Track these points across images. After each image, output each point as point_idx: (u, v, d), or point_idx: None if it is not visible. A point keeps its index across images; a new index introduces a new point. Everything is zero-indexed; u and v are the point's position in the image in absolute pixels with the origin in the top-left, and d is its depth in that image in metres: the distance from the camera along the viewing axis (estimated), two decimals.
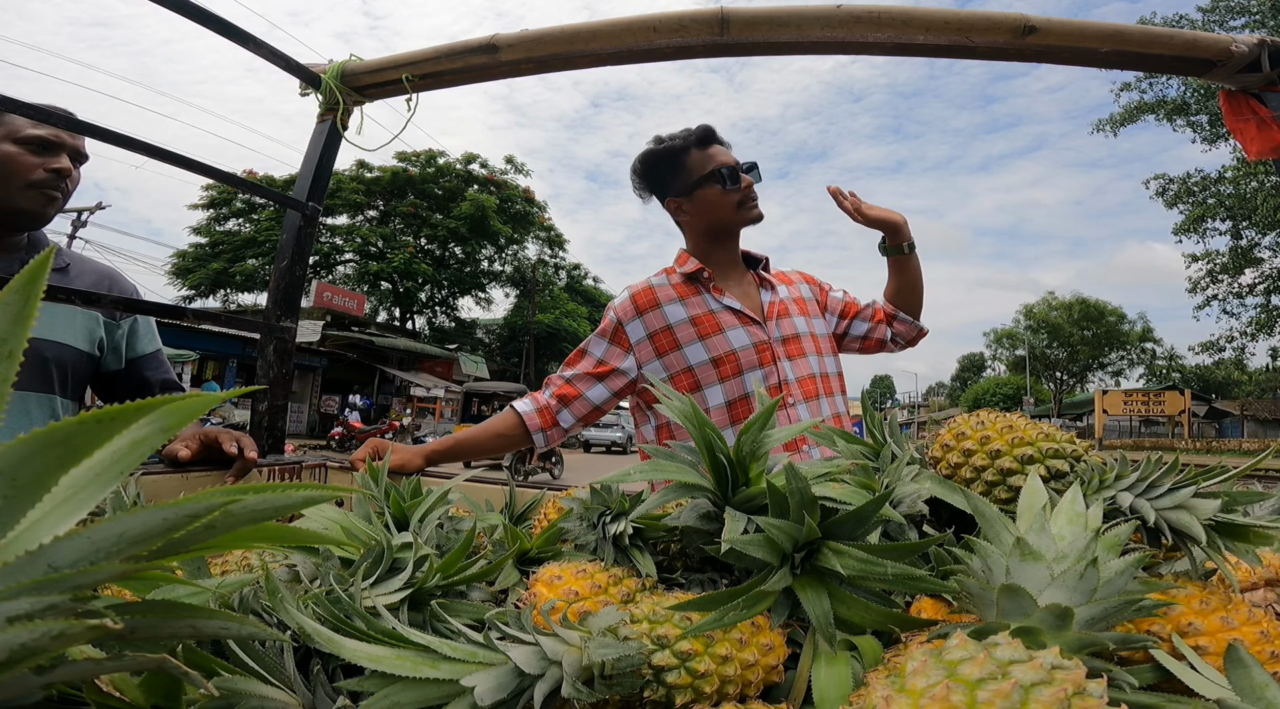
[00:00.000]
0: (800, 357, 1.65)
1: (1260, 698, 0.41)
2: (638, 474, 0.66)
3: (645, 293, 1.67)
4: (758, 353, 1.60)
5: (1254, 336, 25.94)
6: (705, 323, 1.62)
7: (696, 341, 1.60)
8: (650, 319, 1.64)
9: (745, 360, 1.59)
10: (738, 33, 1.48)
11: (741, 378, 1.59)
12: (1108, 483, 0.63)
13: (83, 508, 0.31)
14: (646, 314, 1.64)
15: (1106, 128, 22.35)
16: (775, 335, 1.64)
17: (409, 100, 1.78)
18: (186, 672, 0.33)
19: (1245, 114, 1.45)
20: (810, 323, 1.73)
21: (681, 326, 1.62)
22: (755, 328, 1.63)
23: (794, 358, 1.64)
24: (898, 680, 0.37)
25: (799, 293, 1.79)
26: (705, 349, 1.60)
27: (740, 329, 1.62)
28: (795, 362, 1.63)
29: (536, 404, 1.64)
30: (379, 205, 29.51)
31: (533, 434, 1.62)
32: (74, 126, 1.30)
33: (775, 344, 1.63)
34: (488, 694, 0.43)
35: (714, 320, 1.62)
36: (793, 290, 1.78)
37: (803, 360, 1.64)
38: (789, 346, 1.64)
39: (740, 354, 1.59)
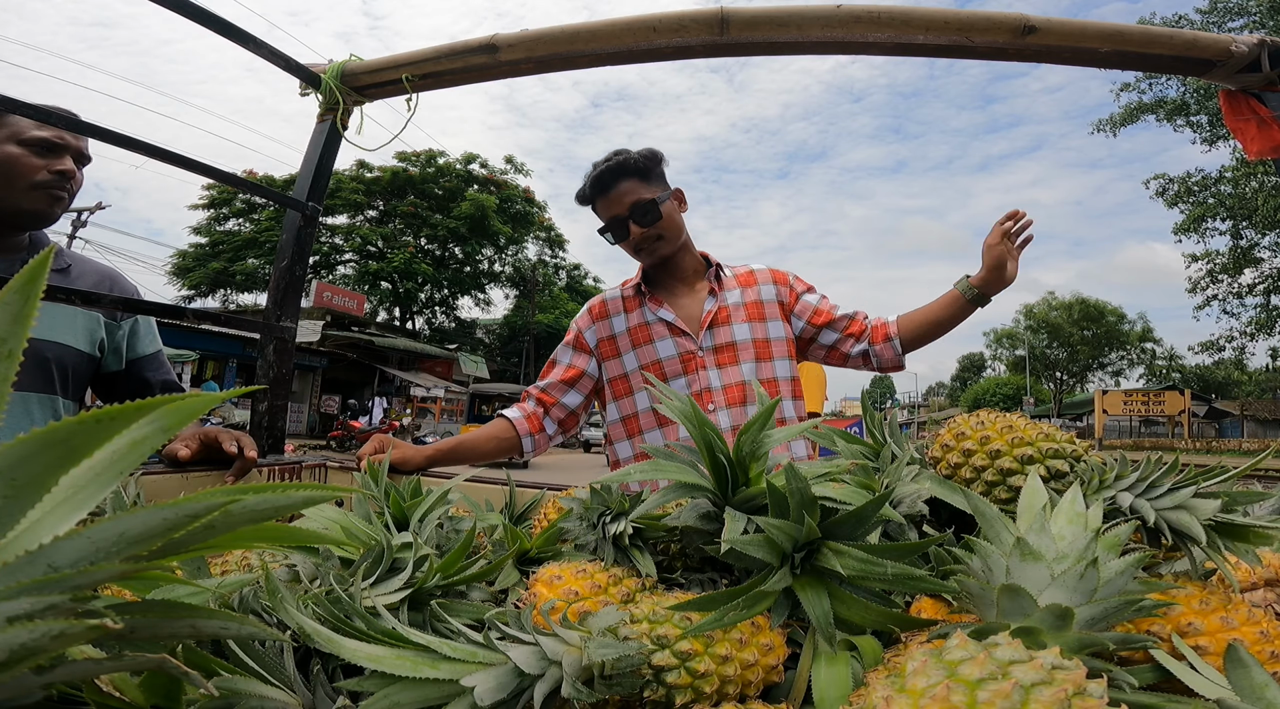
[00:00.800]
0: (731, 365, 1.71)
1: (1260, 698, 0.41)
2: (638, 474, 0.66)
3: (599, 305, 1.84)
4: (682, 362, 1.71)
5: (1254, 336, 25.94)
6: (639, 334, 1.76)
7: (631, 350, 1.76)
8: (600, 328, 1.81)
9: (669, 369, 1.72)
10: (738, 33, 1.49)
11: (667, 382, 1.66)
12: (1108, 483, 0.63)
13: (83, 508, 0.31)
14: (599, 323, 1.81)
15: (1106, 128, 22.37)
16: (706, 345, 1.72)
17: (409, 100, 1.78)
18: (186, 671, 0.33)
19: (1245, 114, 1.45)
20: (759, 328, 1.74)
21: (622, 337, 1.77)
22: (684, 339, 1.73)
23: (723, 366, 1.71)
24: (898, 680, 0.37)
25: (756, 295, 1.77)
26: (636, 357, 1.75)
27: (669, 340, 1.73)
28: (724, 370, 1.71)
29: (524, 412, 1.76)
30: (379, 205, 29.51)
31: (522, 439, 1.74)
32: (75, 127, 1.30)
33: (704, 353, 1.71)
34: (488, 694, 0.43)
35: (647, 331, 1.75)
36: (749, 294, 1.77)
37: (734, 368, 1.71)
38: (719, 355, 1.72)
39: (665, 363, 1.72)
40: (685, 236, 1.77)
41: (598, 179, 1.69)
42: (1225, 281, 25.77)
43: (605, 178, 1.68)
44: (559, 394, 1.77)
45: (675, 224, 1.71)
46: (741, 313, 1.75)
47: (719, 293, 1.77)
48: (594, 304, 1.85)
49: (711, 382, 1.69)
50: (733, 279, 1.81)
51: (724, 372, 1.70)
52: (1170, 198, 24.33)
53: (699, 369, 1.70)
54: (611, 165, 1.68)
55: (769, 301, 1.78)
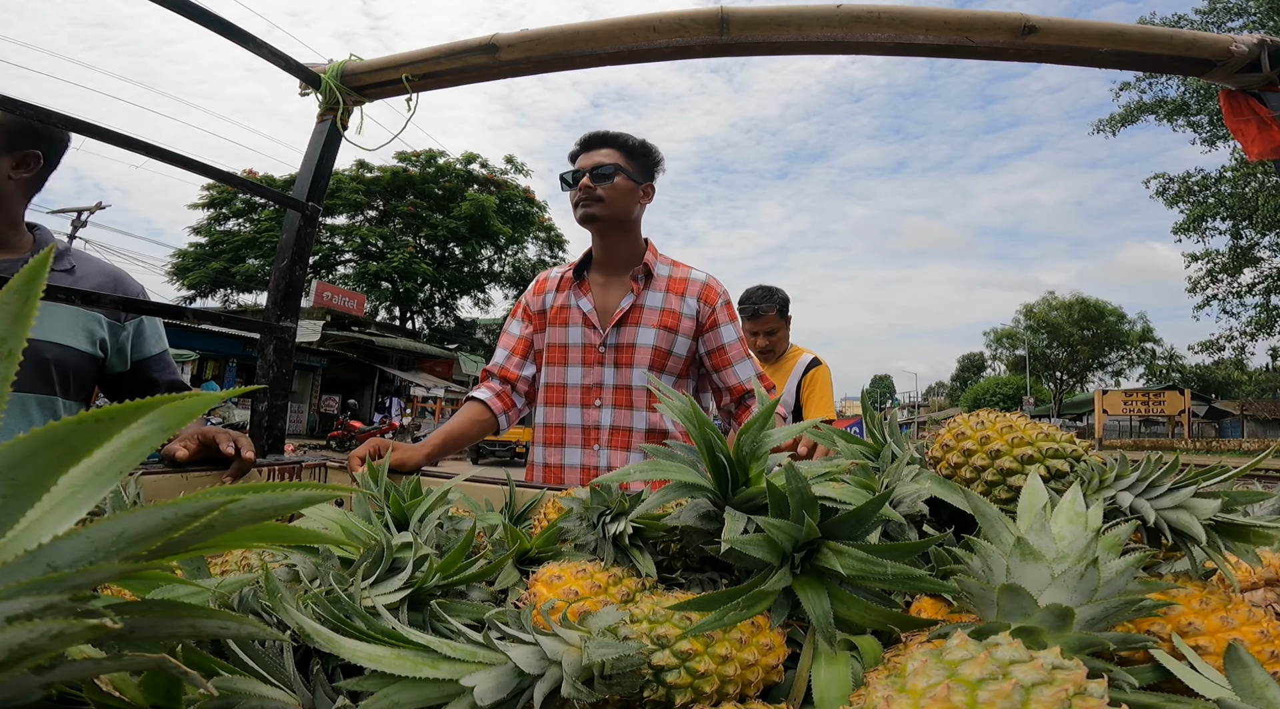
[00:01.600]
0: (628, 366, 1.75)
1: (1260, 698, 0.41)
2: (638, 474, 0.66)
3: (542, 280, 1.93)
4: (584, 352, 1.78)
5: (1254, 336, 25.92)
6: (558, 315, 1.83)
7: (548, 328, 1.84)
8: (535, 301, 1.90)
9: (571, 356, 1.79)
10: (738, 32, 1.48)
11: (565, 368, 1.80)
12: (1108, 483, 0.63)
13: (82, 507, 0.31)
14: (536, 297, 1.90)
15: (1106, 128, 22.36)
16: (610, 341, 1.77)
17: (409, 100, 1.78)
18: (186, 671, 0.33)
19: (1246, 114, 1.45)
20: (664, 337, 1.75)
21: (549, 313, 1.85)
22: (591, 331, 1.78)
23: (620, 365, 1.75)
24: (898, 680, 0.37)
25: (677, 306, 1.77)
26: (549, 336, 1.83)
27: (579, 328, 1.80)
28: (620, 369, 1.75)
29: (493, 391, 1.83)
30: (379, 205, 29.50)
31: (498, 417, 1.80)
32: (75, 127, 1.30)
33: (605, 349, 1.77)
34: (487, 694, 0.43)
35: (565, 315, 1.82)
36: (671, 301, 1.78)
37: (628, 370, 1.75)
38: (620, 354, 1.76)
39: (569, 349, 1.79)
40: (628, 221, 1.79)
41: (587, 138, 1.80)
42: (1225, 281, 25.76)
43: (594, 139, 1.79)
44: (518, 369, 1.85)
45: (620, 197, 1.74)
46: (655, 317, 1.76)
47: (640, 292, 1.79)
48: (540, 278, 1.95)
49: (605, 378, 1.75)
50: (664, 280, 1.81)
51: (619, 371, 1.75)
52: (1170, 197, 24.32)
53: (596, 363, 1.76)
54: (605, 133, 1.79)
55: (686, 316, 1.77)
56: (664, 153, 1.85)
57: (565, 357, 1.79)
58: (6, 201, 1.45)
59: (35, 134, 1.44)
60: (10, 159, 1.41)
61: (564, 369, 1.80)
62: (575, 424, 1.77)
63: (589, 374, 1.77)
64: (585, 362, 1.77)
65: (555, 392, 1.80)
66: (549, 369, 1.81)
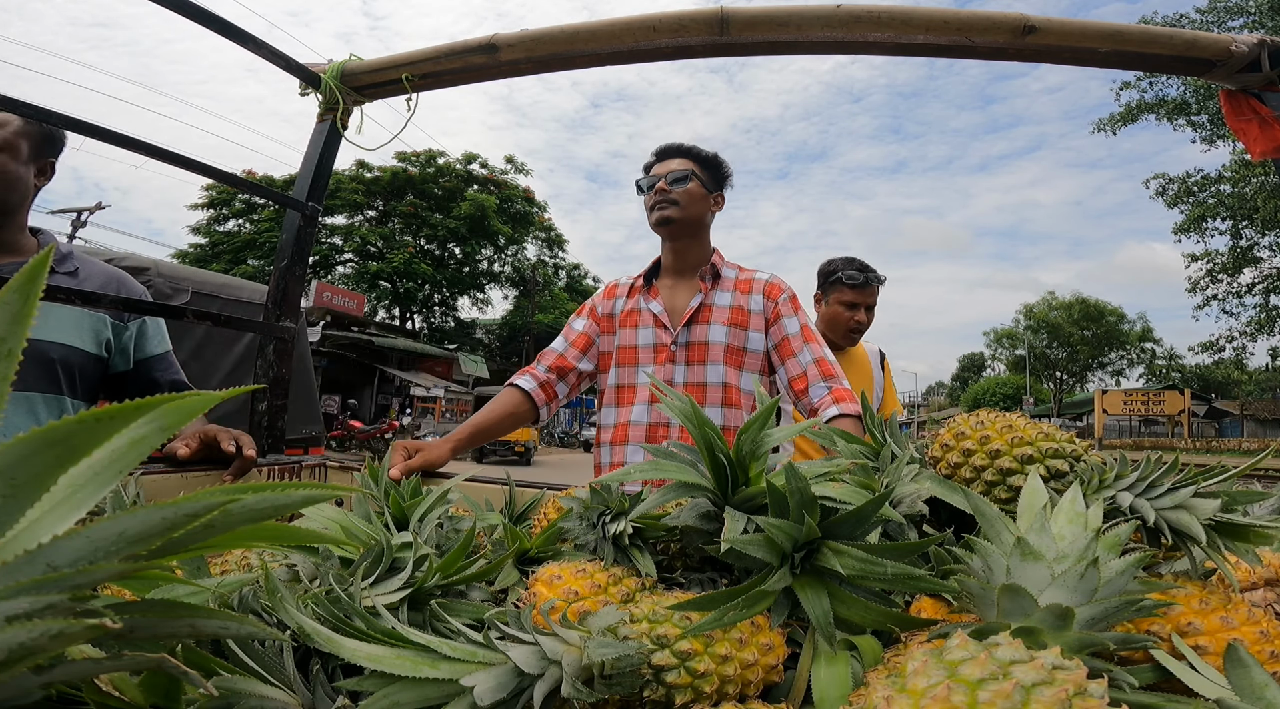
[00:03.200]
0: (700, 363, 1.77)
1: (1260, 698, 0.41)
2: (638, 474, 0.66)
3: (612, 286, 2.00)
4: (655, 352, 1.81)
5: (1253, 336, 25.90)
6: (628, 318, 1.87)
7: (618, 331, 1.88)
8: (604, 305, 1.95)
9: (643, 356, 1.82)
10: (737, 32, 1.48)
11: (635, 368, 1.82)
12: (1107, 483, 0.63)
13: (82, 507, 0.31)
14: (606, 301, 1.95)
15: (1107, 127, 22.34)
16: (681, 340, 1.80)
17: (409, 100, 1.78)
18: (185, 671, 0.33)
19: (1247, 114, 1.45)
20: (734, 334, 1.77)
21: (617, 318, 1.90)
22: (662, 331, 1.82)
23: (692, 363, 1.78)
24: (898, 681, 0.37)
25: (743, 303, 1.81)
26: (618, 339, 1.86)
27: (650, 329, 1.83)
28: (692, 367, 1.78)
29: (537, 380, 1.84)
30: (379, 205, 29.49)
31: (539, 408, 1.81)
32: (75, 127, 1.30)
33: (677, 348, 1.79)
34: (487, 694, 0.43)
35: (635, 317, 1.86)
36: (738, 299, 1.81)
37: (700, 367, 1.77)
38: (691, 351, 1.78)
39: (640, 350, 1.83)
40: (699, 226, 1.84)
41: (664, 148, 1.87)
42: (1225, 281, 25.74)
43: (670, 149, 1.86)
44: (575, 360, 1.88)
45: (694, 204, 1.79)
46: (724, 315, 1.79)
47: (707, 291, 1.82)
48: (609, 284, 2.01)
49: (676, 376, 1.77)
50: (732, 280, 1.85)
51: (691, 369, 1.77)
52: (1170, 198, 24.30)
53: (668, 362, 1.78)
54: (680, 143, 1.86)
55: (755, 312, 1.80)
56: None
57: (636, 357, 1.82)
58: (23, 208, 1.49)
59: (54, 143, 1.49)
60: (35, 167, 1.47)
61: (635, 369, 1.82)
62: (643, 422, 1.76)
63: (660, 372, 1.78)
64: (657, 360, 1.80)
65: (626, 392, 1.81)
66: (619, 370, 1.84)
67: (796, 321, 1.79)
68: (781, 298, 1.81)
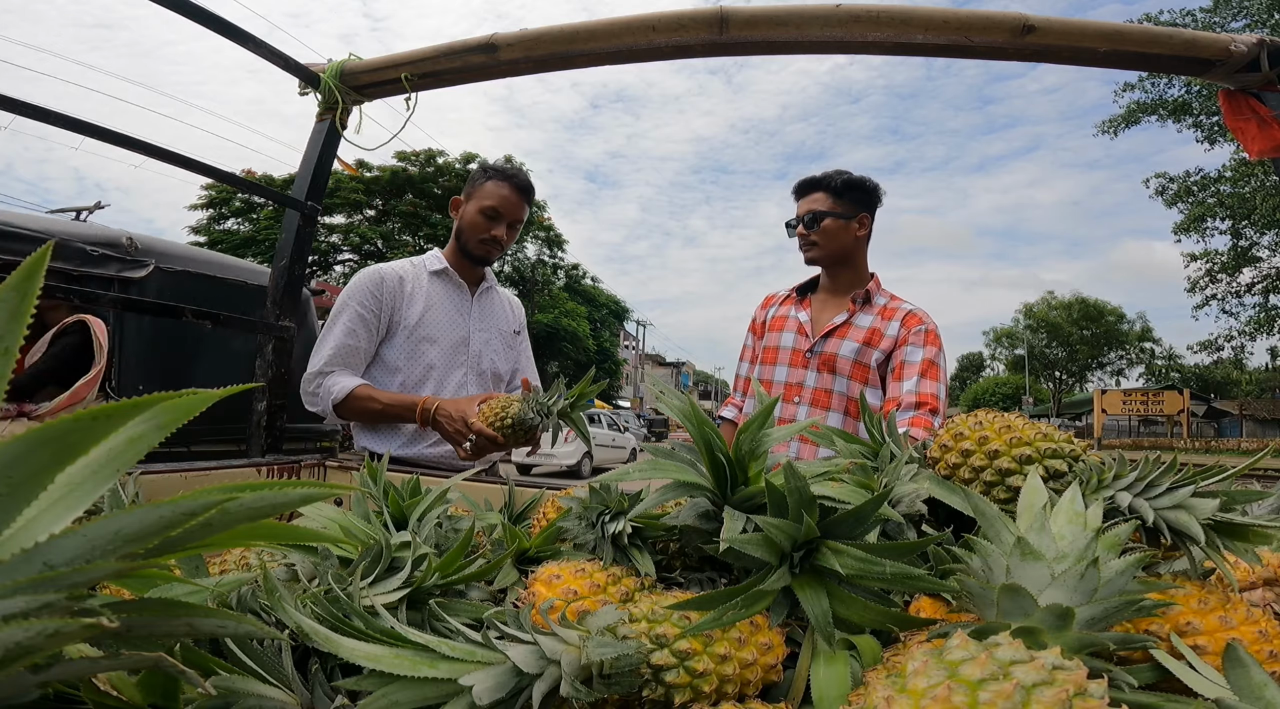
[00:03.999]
0: (829, 372, 1.93)
1: (1259, 697, 0.41)
2: (637, 473, 0.66)
3: (770, 297, 2.24)
4: (792, 355, 2.01)
5: (1252, 336, 25.90)
6: (777, 322, 2.10)
7: (766, 334, 2.11)
8: (760, 314, 2.20)
9: (781, 357, 2.03)
10: (737, 32, 1.48)
11: (774, 367, 2.03)
12: (1106, 483, 0.63)
13: (79, 505, 0.31)
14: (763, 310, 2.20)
15: (1110, 129, 22.33)
16: (817, 349, 1.96)
17: (408, 99, 1.78)
18: (183, 670, 0.33)
19: (1245, 113, 1.45)
20: (864, 352, 1.91)
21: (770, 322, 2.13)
22: (802, 338, 2.01)
23: (822, 371, 1.94)
24: (899, 681, 0.37)
25: (880, 326, 1.93)
26: (766, 340, 2.10)
27: (792, 334, 2.04)
28: (822, 374, 1.95)
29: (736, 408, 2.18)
30: (378, 204, 29.46)
31: None
32: (75, 127, 1.30)
33: (812, 356, 1.97)
34: (486, 693, 0.43)
35: (782, 323, 2.08)
36: (878, 323, 1.94)
37: (829, 376, 1.93)
38: (823, 361, 1.95)
39: (780, 351, 2.03)
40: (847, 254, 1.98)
41: (801, 183, 2.03)
42: (1224, 281, 25.75)
43: (805, 185, 2.01)
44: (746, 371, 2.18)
45: (834, 239, 1.95)
46: (860, 334, 1.93)
47: (854, 312, 1.97)
48: (767, 295, 2.26)
49: (807, 380, 1.96)
50: (879, 307, 1.98)
51: (820, 376, 1.95)
52: (1170, 197, 24.30)
53: (801, 366, 1.98)
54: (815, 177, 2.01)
55: (888, 336, 1.92)
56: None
57: (776, 357, 2.03)
58: None
59: None
60: None
61: (773, 368, 2.02)
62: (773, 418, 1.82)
63: (793, 374, 1.98)
64: (792, 363, 1.99)
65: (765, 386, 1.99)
66: (761, 368, 2.07)
67: (920, 353, 1.86)
68: (917, 328, 1.90)
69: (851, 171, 1.98)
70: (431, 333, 1.84)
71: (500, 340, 2.01)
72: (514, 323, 2.09)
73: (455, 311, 1.90)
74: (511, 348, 2.05)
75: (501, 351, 2.01)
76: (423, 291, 1.86)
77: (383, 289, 1.80)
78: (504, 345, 2.02)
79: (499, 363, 1.99)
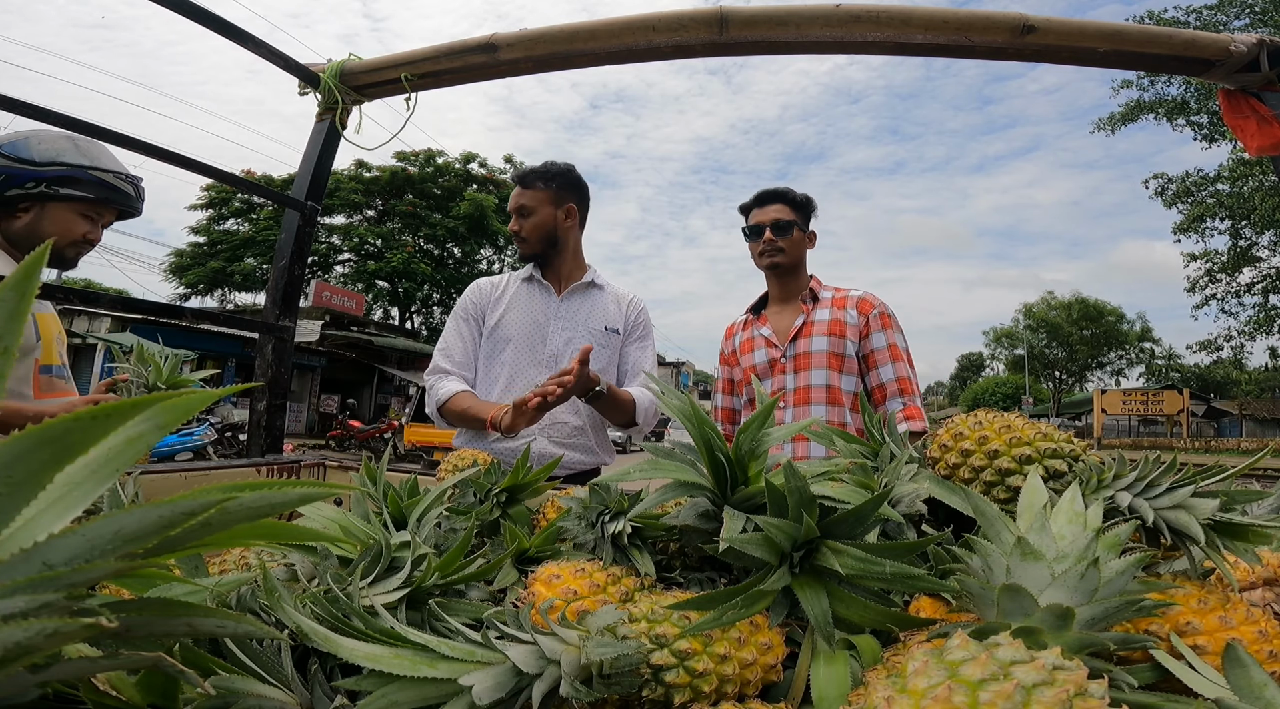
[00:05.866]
0: (805, 370, 2.01)
1: (1258, 697, 0.41)
2: (637, 473, 0.66)
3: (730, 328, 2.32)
4: (770, 367, 2.08)
5: (1252, 336, 25.90)
6: (745, 345, 2.19)
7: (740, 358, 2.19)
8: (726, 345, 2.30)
9: (760, 372, 2.11)
10: (737, 32, 1.48)
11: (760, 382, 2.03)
12: (1106, 483, 0.63)
13: (78, 505, 0.30)
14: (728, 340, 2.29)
15: (1106, 127, 22.33)
16: (789, 353, 2.05)
17: (408, 99, 1.78)
18: (183, 670, 0.33)
19: (1245, 112, 1.45)
20: (834, 342, 2.00)
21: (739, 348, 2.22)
22: (773, 349, 2.10)
23: (799, 371, 2.02)
24: (899, 681, 0.37)
25: (840, 316, 2.04)
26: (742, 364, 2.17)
27: (763, 349, 2.12)
28: (799, 374, 2.02)
29: None
30: (377, 205, 29.44)
31: None
32: (75, 127, 1.30)
33: (786, 360, 2.05)
34: (486, 693, 0.43)
35: (751, 344, 2.16)
36: (835, 313, 2.04)
37: (806, 373, 2.00)
38: (798, 362, 2.03)
39: (758, 368, 2.12)
40: (801, 262, 2.13)
41: (761, 194, 2.13)
42: (1224, 281, 25.75)
43: (766, 195, 2.12)
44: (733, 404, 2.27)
45: (795, 247, 2.09)
46: (824, 327, 2.02)
47: (810, 311, 2.07)
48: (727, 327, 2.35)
49: (787, 384, 2.03)
50: (829, 300, 2.08)
51: (798, 376, 2.02)
52: (1169, 197, 24.30)
53: (780, 373, 2.05)
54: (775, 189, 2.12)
55: (850, 324, 2.02)
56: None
57: (756, 373, 2.11)
58: None
59: None
60: None
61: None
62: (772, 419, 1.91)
63: (774, 383, 2.06)
64: (773, 373, 2.08)
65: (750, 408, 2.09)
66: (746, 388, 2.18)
67: (884, 338, 1.99)
68: (873, 313, 2.02)
69: None
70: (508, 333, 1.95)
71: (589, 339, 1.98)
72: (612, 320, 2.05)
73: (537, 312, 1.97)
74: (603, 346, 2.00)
75: None
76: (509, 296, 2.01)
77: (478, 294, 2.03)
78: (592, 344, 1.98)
79: None
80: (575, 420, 1.94)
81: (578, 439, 1.95)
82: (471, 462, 1.04)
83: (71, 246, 1.65)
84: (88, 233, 1.66)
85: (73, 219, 1.62)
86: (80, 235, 1.65)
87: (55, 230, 1.62)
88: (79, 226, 1.63)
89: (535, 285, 2.03)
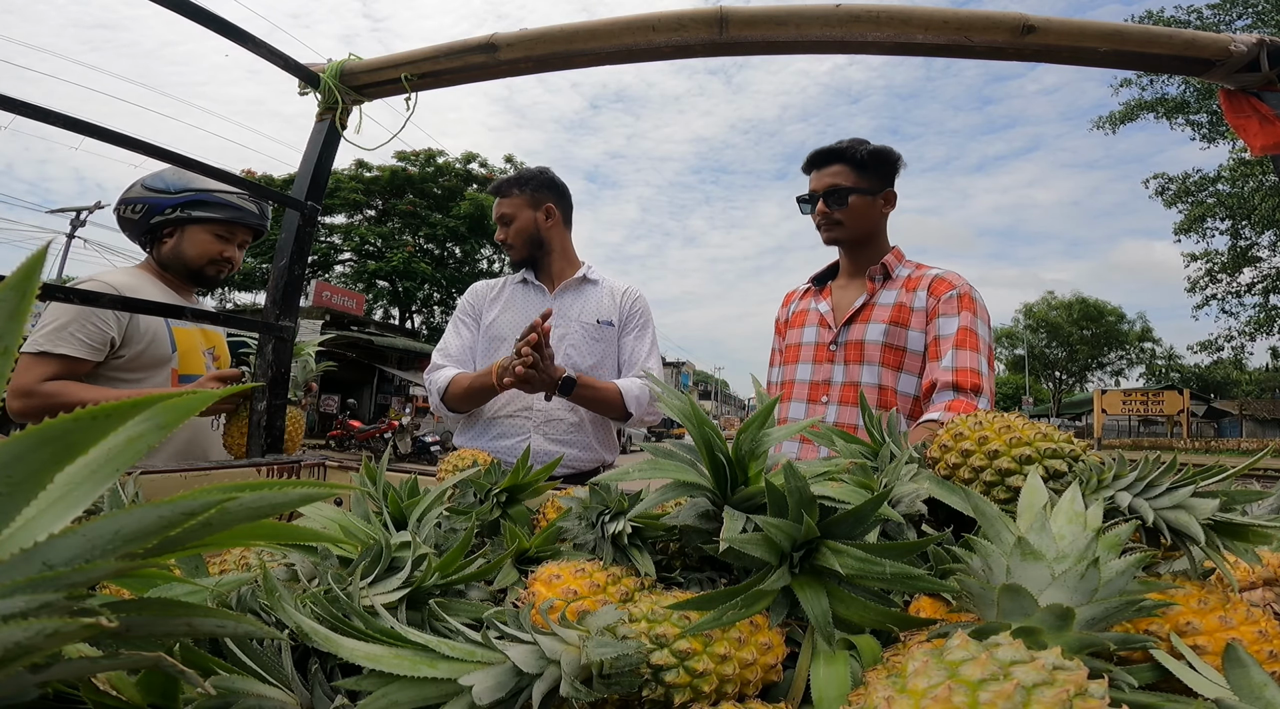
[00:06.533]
0: (857, 363, 1.72)
1: (1259, 697, 0.41)
2: (637, 473, 0.66)
3: (790, 294, 2.06)
4: (815, 350, 1.81)
5: (1252, 336, 25.90)
6: (797, 318, 1.93)
7: (788, 331, 1.94)
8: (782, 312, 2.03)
9: (804, 354, 1.84)
10: (737, 31, 1.48)
11: (797, 365, 1.84)
12: (1106, 483, 0.63)
13: (78, 505, 0.31)
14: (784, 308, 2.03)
15: (1106, 126, 22.34)
16: (840, 339, 1.77)
17: (408, 99, 1.78)
18: (183, 670, 0.33)
19: (1246, 111, 1.45)
20: (894, 333, 1.68)
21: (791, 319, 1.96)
22: (825, 330, 1.81)
23: (849, 363, 1.73)
24: (899, 681, 0.37)
25: (905, 300, 1.70)
26: (788, 338, 1.92)
27: (813, 328, 1.84)
28: (849, 366, 1.73)
29: None
30: (378, 204, 29.44)
31: None
32: (75, 127, 1.30)
33: (836, 348, 1.77)
34: (486, 693, 0.43)
35: (803, 317, 1.90)
36: (903, 297, 1.71)
37: (857, 367, 1.72)
38: (849, 351, 1.74)
39: (802, 348, 1.85)
40: (872, 232, 1.78)
41: (815, 155, 1.80)
42: (1224, 281, 25.75)
43: (821, 156, 1.78)
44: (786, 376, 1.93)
45: (860, 216, 1.74)
46: (885, 314, 1.70)
47: (874, 291, 1.76)
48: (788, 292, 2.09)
49: (834, 376, 1.75)
50: (901, 279, 1.76)
51: (848, 368, 1.73)
52: (1169, 197, 24.30)
53: (826, 361, 1.78)
54: (833, 147, 1.77)
55: (917, 310, 1.68)
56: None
57: (798, 355, 1.85)
58: None
59: None
60: None
61: (795, 367, 1.84)
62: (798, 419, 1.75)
63: (818, 371, 1.78)
64: (816, 359, 1.80)
65: (786, 388, 1.84)
66: (784, 368, 1.89)
67: (955, 323, 1.62)
68: (946, 295, 1.66)
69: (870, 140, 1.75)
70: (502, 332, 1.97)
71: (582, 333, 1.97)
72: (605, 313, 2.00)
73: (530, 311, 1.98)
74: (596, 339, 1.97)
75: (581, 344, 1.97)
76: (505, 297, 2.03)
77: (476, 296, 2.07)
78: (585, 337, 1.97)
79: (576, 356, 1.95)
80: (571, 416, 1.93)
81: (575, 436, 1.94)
82: (471, 461, 1.04)
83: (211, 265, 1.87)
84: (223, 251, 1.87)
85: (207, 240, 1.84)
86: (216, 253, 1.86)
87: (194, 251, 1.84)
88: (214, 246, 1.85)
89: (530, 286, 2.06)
